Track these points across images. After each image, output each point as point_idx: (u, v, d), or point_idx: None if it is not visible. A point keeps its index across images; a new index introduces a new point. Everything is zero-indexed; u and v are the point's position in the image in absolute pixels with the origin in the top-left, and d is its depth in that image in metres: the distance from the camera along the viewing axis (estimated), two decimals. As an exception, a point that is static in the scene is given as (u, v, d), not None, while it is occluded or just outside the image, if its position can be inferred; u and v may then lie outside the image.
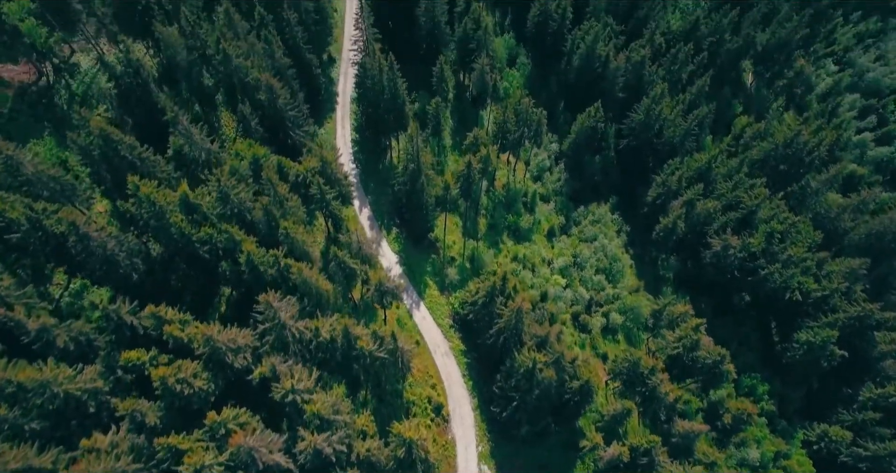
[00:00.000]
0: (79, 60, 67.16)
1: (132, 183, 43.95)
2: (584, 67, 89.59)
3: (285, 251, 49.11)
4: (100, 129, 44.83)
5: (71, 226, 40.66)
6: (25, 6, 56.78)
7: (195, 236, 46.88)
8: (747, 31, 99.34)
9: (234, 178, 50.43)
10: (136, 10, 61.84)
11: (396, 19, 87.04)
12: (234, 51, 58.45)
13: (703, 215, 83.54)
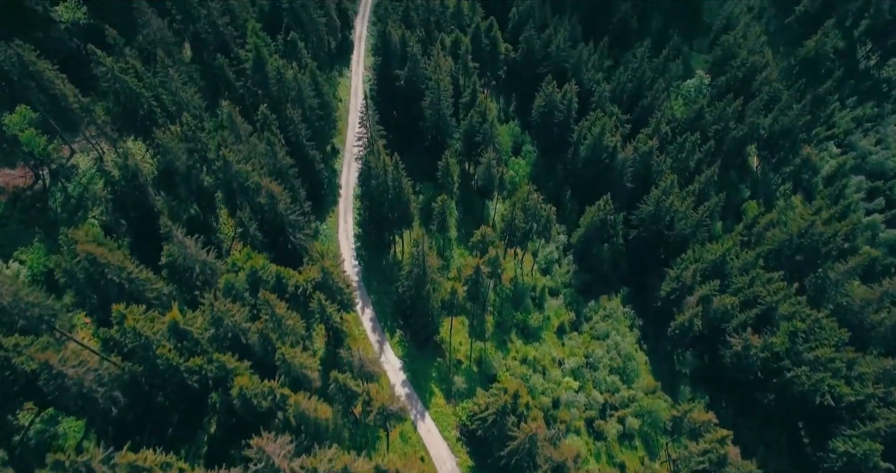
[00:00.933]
0: (78, 161, 65.69)
1: (117, 312, 40.61)
2: (592, 158, 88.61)
3: (281, 381, 45.08)
4: (86, 253, 41.94)
5: (44, 365, 36.97)
6: (27, 116, 55.68)
7: (184, 365, 43.03)
8: (752, 119, 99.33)
9: (228, 300, 47.13)
10: (138, 115, 60.71)
11: (401, 110, 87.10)
12: (234, 156, 56.70)
13: (720, 312, 79.85)
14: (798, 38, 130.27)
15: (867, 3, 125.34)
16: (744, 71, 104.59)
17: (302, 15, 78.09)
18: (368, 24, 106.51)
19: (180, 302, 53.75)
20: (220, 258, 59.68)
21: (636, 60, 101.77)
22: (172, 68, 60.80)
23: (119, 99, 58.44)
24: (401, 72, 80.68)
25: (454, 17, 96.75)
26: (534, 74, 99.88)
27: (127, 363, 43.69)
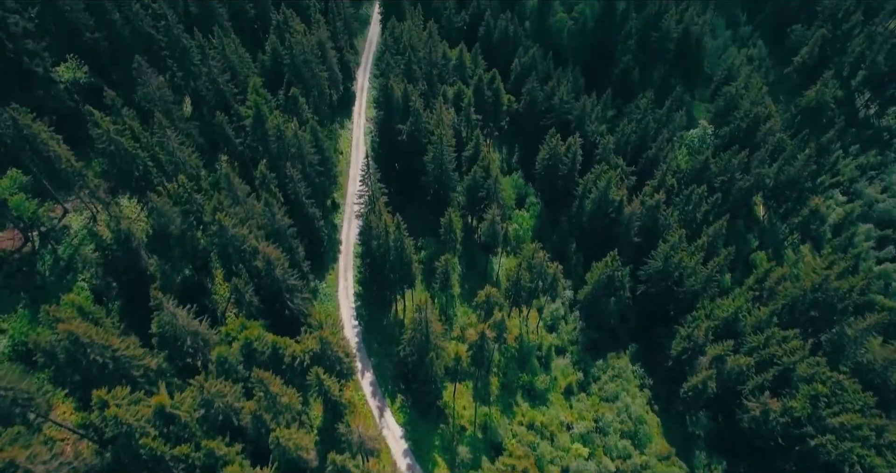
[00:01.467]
0: (70, 221, 63.66)
1: (97, 398, 37.67)
2: (597, 212, 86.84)
3: (276, 467, 41.71)
4: (68, 332, 39.26)
5: (8, 464, 33.81)
6: (18, 180, 53.94)
7: (169, 454, 39.74)
8: (758, 170, 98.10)
9: (220, 379, 44.19)
10: (133, 175, 59.00)
11: (403, 163, 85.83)
12: (231, 220, 54.65)
13: (734, 372, 76.54)
14: (797, 88, 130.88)
15: (863, 55, 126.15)
16: (747, 122, 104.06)
17: (303, 70, 77.57)
18: (370, 76, 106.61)
19: (170, 373, 50.89)
20: (214, 323, 57.01)
21: (639, 111, 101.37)
22: (170, 128, 59.40)
23: (114, 160, 56.83)
24: (403, 126, 79.69)
25: (456, 69, 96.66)
26: (537, 125, 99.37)
27: (106, 453, 40.41)
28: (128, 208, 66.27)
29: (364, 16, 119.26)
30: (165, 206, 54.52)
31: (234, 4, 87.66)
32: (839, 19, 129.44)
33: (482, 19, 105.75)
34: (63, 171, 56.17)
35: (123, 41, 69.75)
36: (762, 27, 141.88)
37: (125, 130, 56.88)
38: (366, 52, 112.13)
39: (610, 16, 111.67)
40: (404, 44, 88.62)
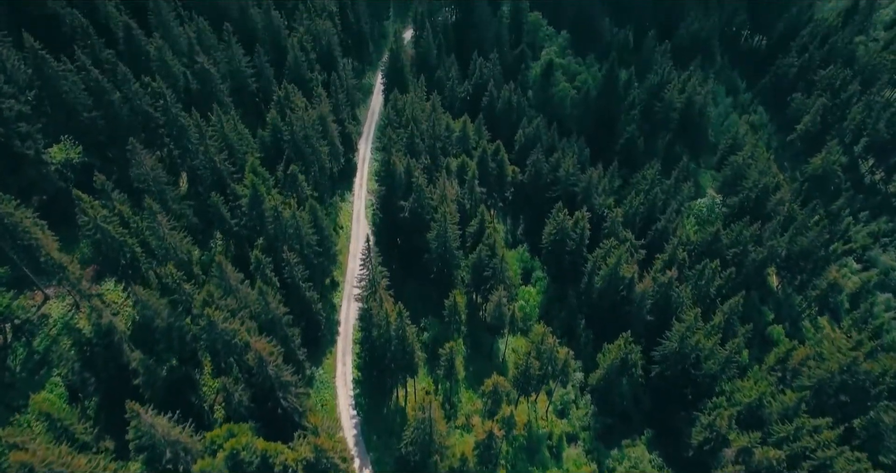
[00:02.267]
0: (50, 308, 59.86)
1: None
2: (608, 290, 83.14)
3: None
4: (20, 463, 34.71)
5: None
6: (-8, 271, 50.72)
7: None
8: (771, 242, 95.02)
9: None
10: (120, 263, 55.72)
11: (405, 239, 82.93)
12: (221, 313, 50.84)
13: (763, 465, 70.65)
14: (801, 154, 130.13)
15: (864, 123, 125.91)
16: (756, 192, 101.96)
17: (303, 147, 75.83)
18: (372, 146, 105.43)
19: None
20: (199, 425, 52.21)
21: (646, 182, 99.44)
22: (161, 214, 56.50)
23: (100, 247, 53.71)
24: (405, 203, 77.17)
25: (460, 140, 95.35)
26: (542, 197, 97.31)
27: None
28: (113, 293, 62.57)
29: (367, 85, 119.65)
30: (151, 298, 50.91)
31: (236, 79, 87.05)
32: (837, 88, 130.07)
33: (485, 89, 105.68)
34: (45, 258, 52.81)
35: (121, 120, 68.12)
36: (761, 95, 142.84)
37: (113, 217, 53.97)
38: (368, 122, 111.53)
39: (612, 86, 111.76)
40: (407, 117, 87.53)
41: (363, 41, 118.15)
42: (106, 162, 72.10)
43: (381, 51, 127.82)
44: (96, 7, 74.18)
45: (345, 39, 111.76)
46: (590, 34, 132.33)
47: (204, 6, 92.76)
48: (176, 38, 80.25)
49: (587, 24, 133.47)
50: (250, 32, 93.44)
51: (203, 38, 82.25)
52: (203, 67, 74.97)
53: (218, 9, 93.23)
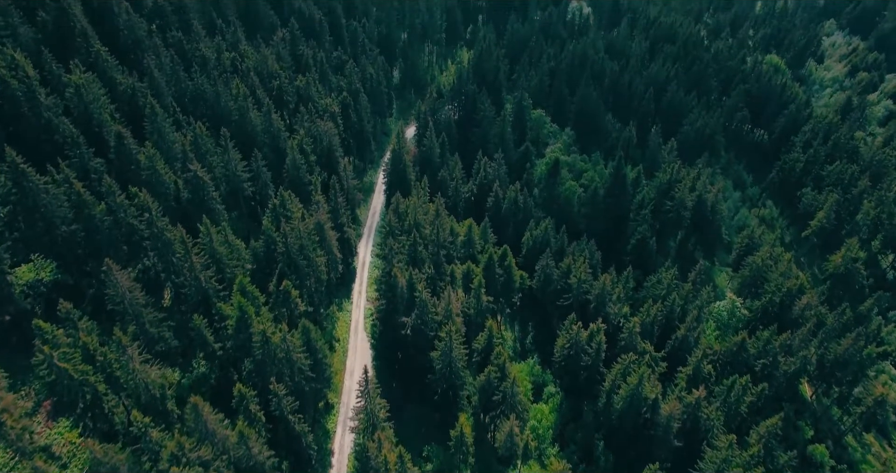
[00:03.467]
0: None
1: None
2: (629, 411, 75.03)
3: None
4: None
5: None
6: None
7: None
8: (803, 353, 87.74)
9: None
10: (78, 406, 48.62)
11: (407, 356, 76.14)
12: (193, 471, 43.19)
13: None
14: (816, 249, 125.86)
15: (878, 218, 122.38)
16: (780, 296, 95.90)
17: (298, 259, 70.79)
18: (372, 247, 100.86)
19: None
20: None
21: (662, 287, 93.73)
22: (131, 347, 50.28)
23: (55, 388, 47.04)
24: (407, 319, 71.03)
25: (465, 245, 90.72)
26: (552, 303, 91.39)
27: None
28: (70, 433, 54.81)
29: (368, 183, 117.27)
30: (109, 453, 43.45)
31: (231, 184, 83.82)
32: (847, 184, 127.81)
33: (490, 190, 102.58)
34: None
35: (103, 233, 63.46)
36: (769, 189, 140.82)
37: (74, 354, 47.58)
38: (369, 222, 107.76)
39: (620, 184, 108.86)
40: (409, 222, 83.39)
41: (365, 140, 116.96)
42: (84, 276, 66.85)
43: (384, 148, 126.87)
44: (91, 115, 71.74)
45: (346, 139, 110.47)
46: (593, 131, 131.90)
47: (203, 110, 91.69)
48: (170, 145, 77.52)
49: (590, 121, 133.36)
50: (249, 135, 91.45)
51: (199, 144, 79.62)
52: (195, 175, 71.51)
53: (217, 112, 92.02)
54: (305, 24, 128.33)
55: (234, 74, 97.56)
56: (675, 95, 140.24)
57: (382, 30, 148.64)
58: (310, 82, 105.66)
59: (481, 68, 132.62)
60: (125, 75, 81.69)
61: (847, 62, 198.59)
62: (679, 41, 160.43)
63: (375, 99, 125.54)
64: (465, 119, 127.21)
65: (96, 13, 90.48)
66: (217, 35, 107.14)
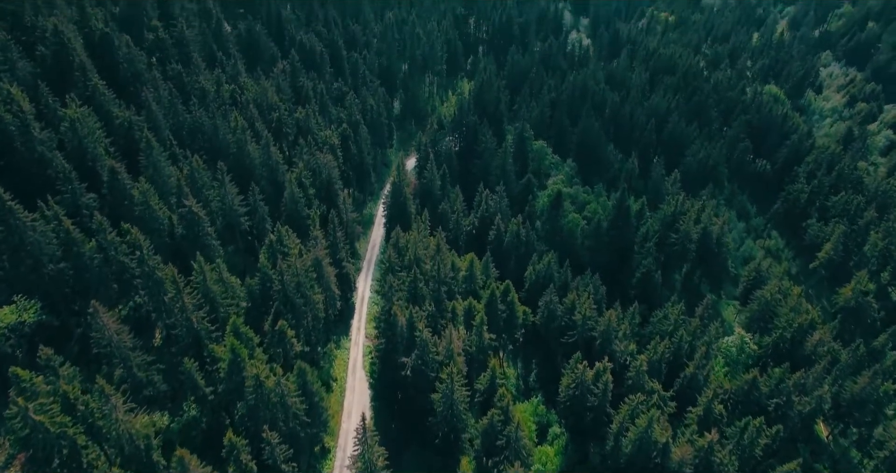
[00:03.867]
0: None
1: None
2: (638, 456, 71.71)
3: None
4: None
5: None
6: None
7: None
8: (818, 392, 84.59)
9: None
10: (53, 462, 45.66)
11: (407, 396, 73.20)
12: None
13: None
14: (824, 281, 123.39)
15: (887, 250, 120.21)
16: (791, 332, 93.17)
17: (295, 298, 68.47)
18: (371, 283, 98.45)
19: None
20: None
21: (669, 323, 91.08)
22: (115, 396, 47.61)
23: (29, 443, 44.16)
24: (407, 359, 68.34)
25: (466, 280, 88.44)
26: (556, 340, 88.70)
27: None
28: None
29: (368, 215, 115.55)
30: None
31: (227, 217, 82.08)
32: (853, 214, 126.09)
33: (492, 223, 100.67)
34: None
35: (91, 271, 61.36)
36: (774, 220, 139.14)
37: (51, 405, 44.81)
38: (368, 255, 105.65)
39: (624, 216, 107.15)
40: (409, 258, 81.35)
41: (365, 171, 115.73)
42: (72, 315, 64.50)
43: (384, 179, 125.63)
44: (85, 149, 70.37)
45: (346, 171, 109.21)
46: (595, 162, 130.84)
47: (201, 143, 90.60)
48: (166, 179, 76.03)
49: (592, 152, 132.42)
50: (247, 168, 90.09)
51: (195, 178, 78.09)
52: (190, 211, 69.68)
53: (215, 145, 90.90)
54: (306, 56, 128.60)
55: (232, 107, 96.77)
56: (677, 126, 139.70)
57: (383, 61, 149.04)
58: (309, 114, 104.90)
59: (482, 99, 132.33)
60: (122, 109, 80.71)
61: (845, 93, 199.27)
62: (679, 72, 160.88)
63: (376, 130, 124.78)
64: (466, 150, 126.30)
65: (97, 47, 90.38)
66: (217, 67, 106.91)
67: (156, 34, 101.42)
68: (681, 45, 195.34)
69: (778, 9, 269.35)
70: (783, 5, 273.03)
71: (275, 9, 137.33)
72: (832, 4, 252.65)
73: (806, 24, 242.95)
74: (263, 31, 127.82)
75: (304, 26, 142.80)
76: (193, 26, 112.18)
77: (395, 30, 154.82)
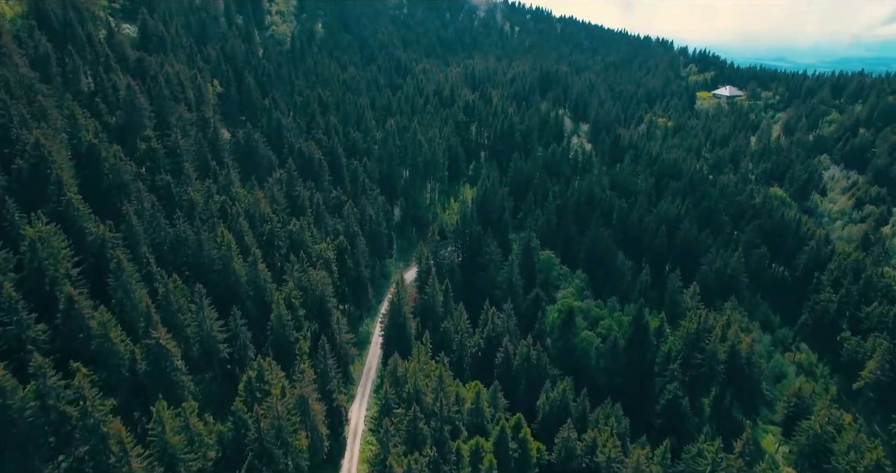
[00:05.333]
0: None
1: None
2: None
3: None
4: None
5: None
6: None
7: None
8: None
9: None
10: None
11: None
12: None
13: None
14: (874, 404, 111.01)
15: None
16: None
17: (273, 449, 57.60)
18: (366, 412, 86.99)
19: None
20: None
21: (706, 462, 78.68)
22: None
23: None
24: (404, 527, 56.26)
25: (472, 413, 77.41)
26: (578, 486, 76.11)
27: None
28: None
29: (364, 334, 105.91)
30: None
31: (205, 344, 72.90)
32: (892, 327, 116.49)
33: (499, 344, 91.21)
34: None
35: (23, 422, 51.21)
36: (802, 331, 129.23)
37: None
38: (363, 380, 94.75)
39: (642, 334, 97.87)
40: (409, 391, 71.20)
41: (361, 286, 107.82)
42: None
43: (382, 293, 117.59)
44: (43, 272, 62.79)
45: (341, 286, 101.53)
46: (607, 272, 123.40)
47: (183, 259, 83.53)
48: (136, 303, 67.76)
49: (602, 261, 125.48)
50: (231, 287, 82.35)
51: (170, 301, 69.92)
52: (157, 344, 60.75)
53: (199, 261, 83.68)
54: (305, 164, 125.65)
55: (220, 220, 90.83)
56: (689, 233, 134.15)
57: (384, 168, 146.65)
58: (303, 227, 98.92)
59: (486, 208, 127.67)
60: (97, 224, 74.22)
61: (850, 195, 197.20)
62: (685, 177, 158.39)
63: (374, 240, 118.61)
64: (469, 261, 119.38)
65: (84, 157, 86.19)
66: (209, 177, 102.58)
67: (148, 144, 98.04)
68: (683, 149, 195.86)
69: (769, 115, 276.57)
70: (773, 111, 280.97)
71: (275, 117, 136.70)
72: (821, 111, 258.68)
73: (800, 129, 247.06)
74: (262, 140, 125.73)
75: (304, 134, 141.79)
76: (189, 135, 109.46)
77: (396, 137, 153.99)
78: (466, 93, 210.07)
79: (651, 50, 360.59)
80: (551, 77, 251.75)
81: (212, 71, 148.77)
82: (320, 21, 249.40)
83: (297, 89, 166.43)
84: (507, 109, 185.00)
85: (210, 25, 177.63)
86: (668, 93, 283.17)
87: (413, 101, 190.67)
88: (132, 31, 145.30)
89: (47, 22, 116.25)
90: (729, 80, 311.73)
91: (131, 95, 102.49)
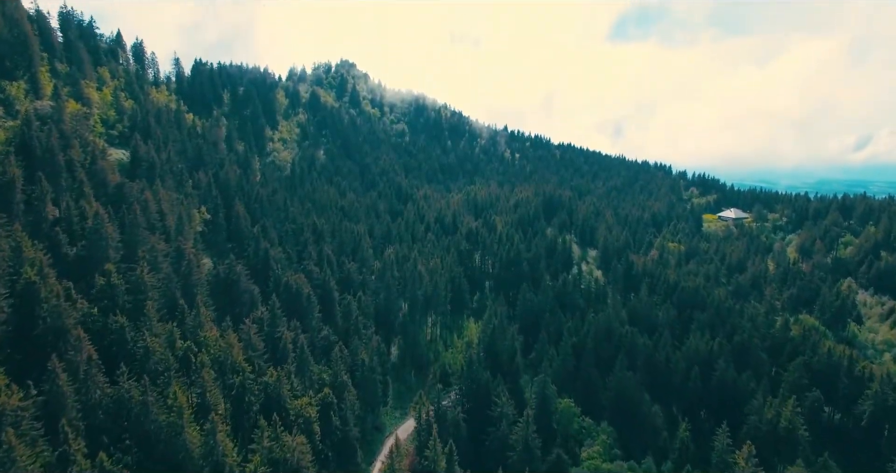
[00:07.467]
0: None
1: None
2: None
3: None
4: None
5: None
6: None
7: None
8: None
9: None
10: None
11: None
12: None
13: None
14: None
15: None
16: None
17: None
18: None
19: None
20: None
21: None
22: None
23: None
24: None
25: None
26: None
27: None
28: None
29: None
30: None
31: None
32: None
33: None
34: None
35: None
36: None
37: None
38: None
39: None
40: None
41: (349, 448, 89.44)
42: None
43: (374, 453, 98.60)
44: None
45: (323, 450, 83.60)
46: (637, 424, 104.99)
47: (121, 427, 67.36)
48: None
49: (629, 410, 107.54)
50: (180, 464, 65.38)
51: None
52: None
53: (145, 428, 67.47)
54: (291, 299, 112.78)
55: (180, 373, 75.90)
56: (725, 373, 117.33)
57: (381, 302, 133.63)
58: (281, 378, 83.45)
59: (493, 349, 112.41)
60: (11, 389, 59.39)
61: (891, 323, 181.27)
62: (710, 307, 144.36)
63: (367, 389, 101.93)
64: (475, 412, 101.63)
65: (18, 297, 73.29)
66: (176, 318, 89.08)
67: (108, 279, 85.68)
68: (701, 276, 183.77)
69: (780, 237, 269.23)
70: (783, 233, 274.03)
71: (263, 246, 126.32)
72: (835, 233, 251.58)
73: (817, 251, 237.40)
74: (245, 272, 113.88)
75: (294, 264, 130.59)
76: (160, 269, 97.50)
77: (394, 267, 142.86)
78: (469, 220, 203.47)
79: (650, 174, 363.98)
80: (555, 202, 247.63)
81: (201, 197, 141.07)
82: (322, 148, 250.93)
83: (291, 216, 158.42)
84: (513, 236, 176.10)
85: (207, 151, 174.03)
86: (674, 216, 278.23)
87: (413, 228, 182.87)
88: (124, 156, 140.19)
89: (28, 148, 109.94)
90: (731, 202, 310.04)
91: (98, 223, 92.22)
